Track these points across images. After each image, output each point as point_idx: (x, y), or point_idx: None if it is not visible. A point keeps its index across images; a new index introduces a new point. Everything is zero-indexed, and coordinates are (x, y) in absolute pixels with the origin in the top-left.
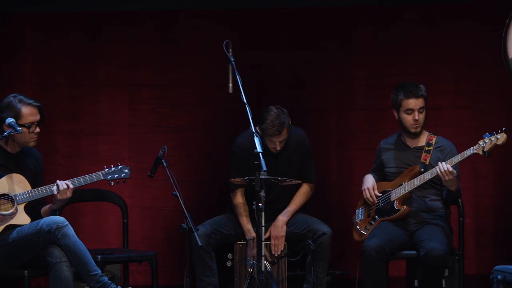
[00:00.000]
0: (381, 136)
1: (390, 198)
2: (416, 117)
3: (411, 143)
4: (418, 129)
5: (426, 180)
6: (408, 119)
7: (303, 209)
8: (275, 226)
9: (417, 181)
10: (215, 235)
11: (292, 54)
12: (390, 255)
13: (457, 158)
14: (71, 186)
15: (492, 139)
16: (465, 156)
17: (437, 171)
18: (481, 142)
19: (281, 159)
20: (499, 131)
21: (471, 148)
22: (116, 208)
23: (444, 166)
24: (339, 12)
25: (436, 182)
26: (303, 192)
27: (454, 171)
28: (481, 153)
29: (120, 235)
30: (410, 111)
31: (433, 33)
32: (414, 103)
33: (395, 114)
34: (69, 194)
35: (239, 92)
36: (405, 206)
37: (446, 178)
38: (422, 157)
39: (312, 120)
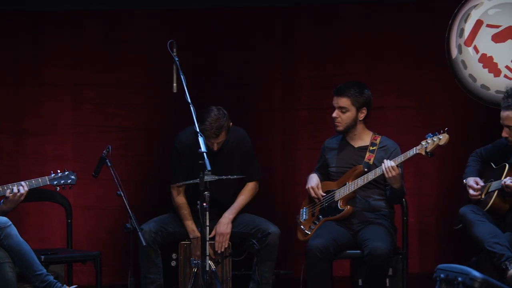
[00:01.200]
0: (325, 136)
1: (334, 198)
2: (334, 115)
3: (355, 142)
4: (339, 128)
5: (369, 180)
6: (332, 116)
7: (248, 209)
8: (220, 223)
9: (360, 181)
10: (162, 233)
11: (236, 53)
12: (334, 255)
13: (400, 158)
14: (26, 189)
15: (435, 139)
16: (408, 156)
17: (381, 168)
18: (423, 143)
19: (221, 159)
20: (441, 131)
21: (414, 148)
22: (60, 208)
23: (388, 163)
24: (283, 11)
25: (379, 182)
26: (248, 190)
27: (398, 168)
28: (423, 153)
29: (64, 235)
30: (333, 108)
31: (377, 33)
32: (335, 100)
33: None
34: (22, 197)
35: (184, 92)
36: (348, 206)
37: (390, 174)
38: (366, 157)
39: (256, 120)
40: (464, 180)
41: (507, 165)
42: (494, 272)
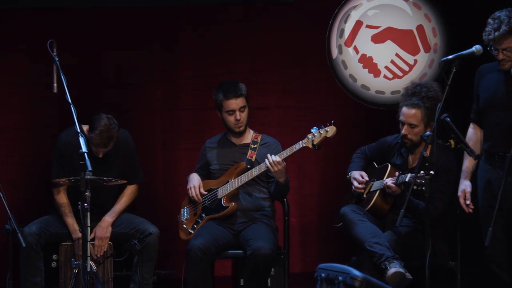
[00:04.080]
0: (207, 136)
1: (217, 196)
2: (238, 117)
3: (236, 140)
4: (242, 128)
5: (254, 176)
6: (230, 119)
7: (130, 208)
8: (100, 226)
9: (245, 178)
10: (45, 235)
11: (118, 53)
12: (215, 255)
13: (286, 153)
14: None
15: (322, 132)
16: (294, 150)
17: (265, 163)
18: (309, 136)
19: (104, 159)
20: (328, 124)
21: (300, 142)
22: None
23: (273, 157)
24: (166, 12)
25: (262, 179)
26: (129, 193)
27: (283, 162)
28: (310, 146)
29: None
30: (232, 111)
31: (259, 33)
32: (234, 103)
33: (219, 114)
34: None
35: (64, 92)
36: (233, 203)
37: (275, 168)
38: (248, 154)
39: (138, 120)
40: (349, 173)
41: (389, 165)
42: (374, 272)
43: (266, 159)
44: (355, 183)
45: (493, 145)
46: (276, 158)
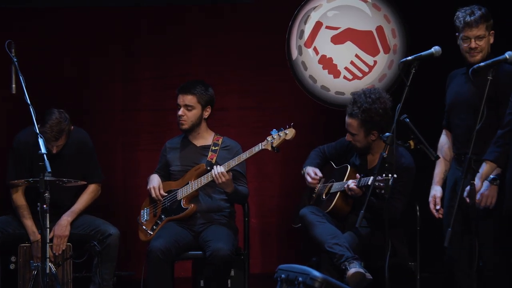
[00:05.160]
0: (167, 137)
1: (176, 197)
2: (180, 113)
3: (197, 142)
4: (184, 126)
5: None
6: (177, 114)
7: (90, 209)
8: (59, 225)
9: (204, 179)
10: (2, 235)
11: (77, 54)
12: (176, 256)
13: (245, 155)
14: None
15: (281, 134)
16: (253, 152)
17: (211, 173)
18: (269, 138)
19: (63, 160)
20: (287, 126)
21: (260, 144)
22: None
23: (218, 169)
24: (124, 12)
25: None
26: (89, 192)
27: (229, 173)
28: (270, 148)
29: None
30: (179, 105)
31: (219, 34)
32: (180, 98)
33: None
34: None
35: (23, 93)
36: (192, 205)
37: (220, 181)
38: (208, 156)
39: (97, 120)
40: (304, 168)
41: (348, 167)
42: (334, 272)
43: (212, 170)
44: (308, 178)
45: (458, 146)
46: (220, 169)
